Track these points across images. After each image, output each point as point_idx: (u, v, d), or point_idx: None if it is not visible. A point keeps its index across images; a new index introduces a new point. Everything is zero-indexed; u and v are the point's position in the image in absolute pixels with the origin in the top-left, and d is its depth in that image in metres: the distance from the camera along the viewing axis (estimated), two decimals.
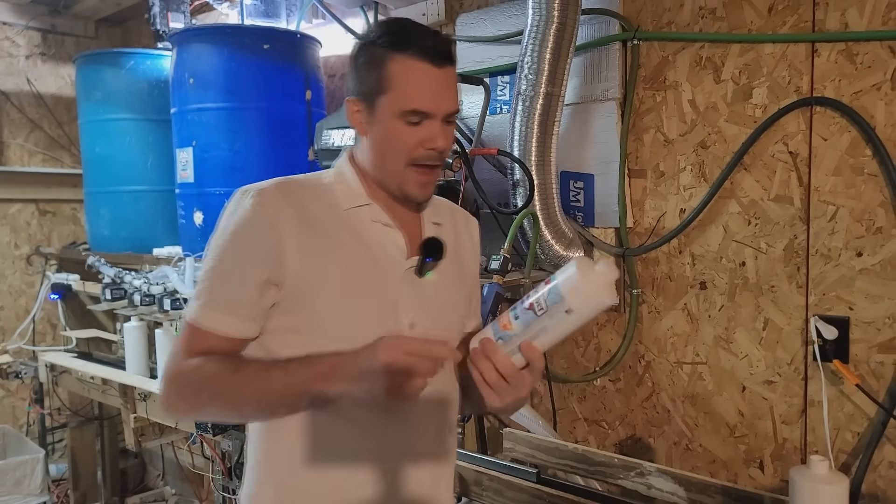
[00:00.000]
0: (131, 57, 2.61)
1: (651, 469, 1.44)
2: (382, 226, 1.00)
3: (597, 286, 0.83)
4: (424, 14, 2.20)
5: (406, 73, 0.93)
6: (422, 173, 0.97)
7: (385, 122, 0.95)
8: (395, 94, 0.94)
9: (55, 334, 3.18)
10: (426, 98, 0.94)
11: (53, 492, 2.85)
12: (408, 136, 0.95)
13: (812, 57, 1.55)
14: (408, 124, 0.94)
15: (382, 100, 0.95)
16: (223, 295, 0.94)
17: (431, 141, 0.95)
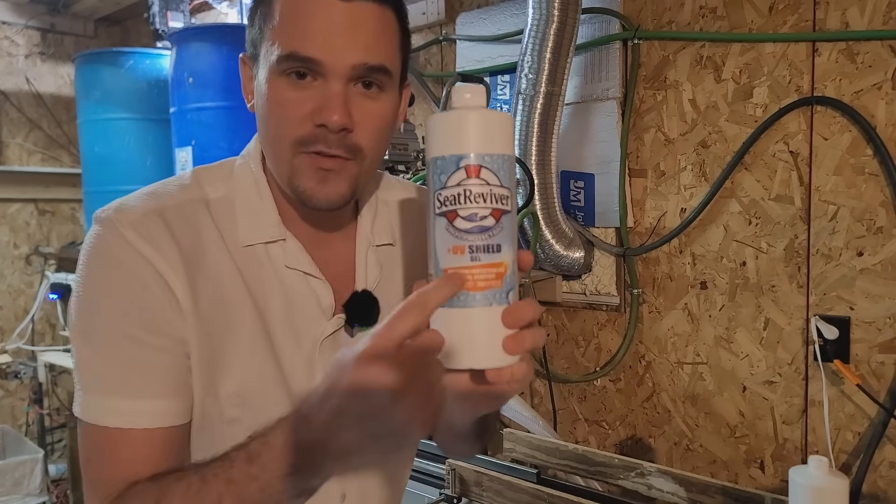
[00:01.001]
0: (130, 56, 2.60)
1: (651, 469, 1.44)
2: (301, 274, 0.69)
3: None
4: (424, 13, 2.20)
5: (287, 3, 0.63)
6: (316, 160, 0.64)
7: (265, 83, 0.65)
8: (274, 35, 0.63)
9: (54, 334, 3.18)
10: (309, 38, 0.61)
11: (53, 492, 2.85)
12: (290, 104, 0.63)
13: (813, 56, 1.55)
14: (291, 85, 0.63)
15: (265, 46, 0.65)
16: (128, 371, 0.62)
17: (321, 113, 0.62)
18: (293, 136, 0.64)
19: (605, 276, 1.90)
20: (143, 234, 0.64)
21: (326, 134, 0.63)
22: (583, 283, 1.94)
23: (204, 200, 0.68)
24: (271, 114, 0.65)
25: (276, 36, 0.63)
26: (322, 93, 0.62)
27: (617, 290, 1.89)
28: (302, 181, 0.65)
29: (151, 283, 0.63)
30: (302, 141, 0.63)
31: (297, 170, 0.65)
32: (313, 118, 0.63)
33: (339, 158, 0.64)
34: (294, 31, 0.62)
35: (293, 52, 0.61)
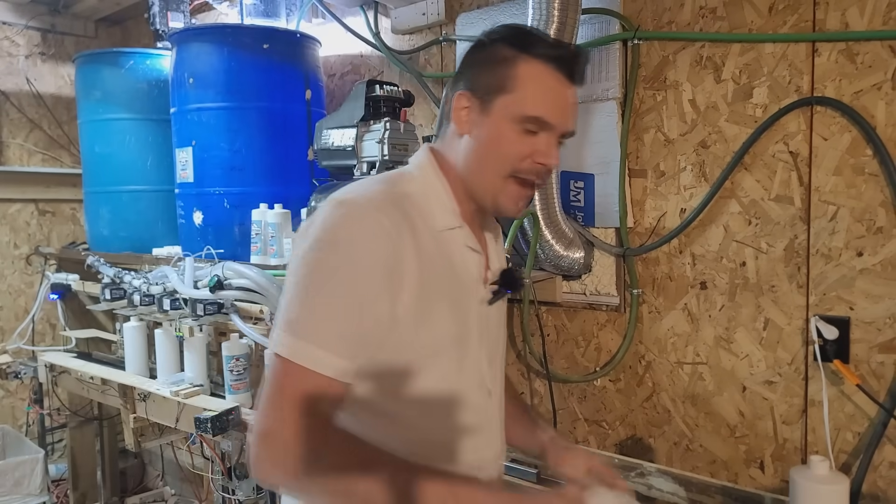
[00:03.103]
0: (131, 56, 2.60)
1: (651, 469, 1.44)
2: (471, 251, 0.93)
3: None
4: (424, 14, 2.20)
5: (537, 79, 0.87)
6: (521, 187, 0.90)
7: (498, 124, 0.88)
8: (520, 97, 0.87)
9: (55, 334, 3.18)
10: (553, 109, 0.87)
11: (53, 492, 2.85)
12: (519, 145, 0.88)
13: (812, 56, 1.55)
14: (523, 132, 0.88)
15: (502, 100, 0.88)
16: (334, 327, 0.79)
17: (543, 155, 0.88)
18: (512, 168, 0.89)
19: (605, 277, 1.90)
20: (388, 215, 0.83)
21: (541, 170, 0.90)
22: (583, 284, 1.94)
23: (406, 195, 0.89)
24: (498, 148, 0.89)
25: (521, 99, 0.87)
26: (544, 142, 0.89)
27: (617, 291, 1.89)
28: (505, 200, 0.91)
29: (391, 258, 0.81)
30: (518, 171, 0.89)
31: (504, 191, 0.90)
32: (534, 157, 0.89)
33: (533, 186, 0.92)
34: (541, 102, 0.87)
35: (540, 116, 0.87)
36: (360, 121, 1.86)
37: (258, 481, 0.84)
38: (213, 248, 2.09)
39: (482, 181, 0.91)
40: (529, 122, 0.87)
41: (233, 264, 1.92)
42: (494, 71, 0.88)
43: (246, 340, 1.94)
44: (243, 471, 1.71)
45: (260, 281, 1.80)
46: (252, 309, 1.93)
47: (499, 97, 0.88)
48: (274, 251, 2.04)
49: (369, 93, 1.86)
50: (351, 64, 2.51)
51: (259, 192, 2.12)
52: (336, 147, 1.91)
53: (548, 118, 0.87)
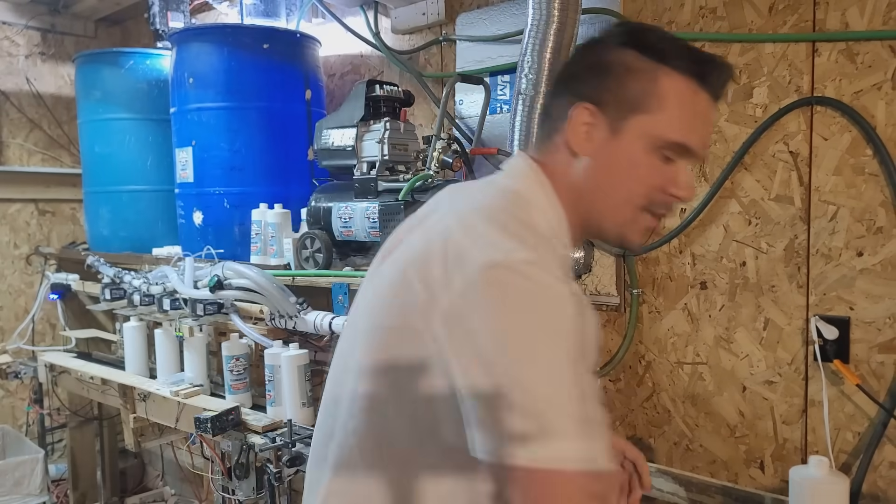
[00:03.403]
0: (131, 56, 2.60)
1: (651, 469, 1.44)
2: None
3: None
4: (424, 13, 2.20)
5: (682, 98, 0.75)
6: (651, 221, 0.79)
7: (632, 149, 0.76)
8: (662, 119, 0.74)
9: (54, 334, 3.18)
10: (700, 135, 0.76)
11: (53, 492, 2.85)
12: (656, 174, 0.76)
13: (812, 56, 1.55)
14: (661, 158, 0.76)
15: (638, 120, 0.75)
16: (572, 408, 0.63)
17: (681, 187, 0.76)
18: (647, 200, 0.77)
19: (605, 276, 1.90)
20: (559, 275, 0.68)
21: (673, 202, 0.78)
22: (583, 284, 1.94)
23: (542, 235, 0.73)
24: (633, 177, 0.76)
25: (664, 122, 0.75)
26: (682, 172, 0.77)
27: (617, 290, 1.89)
28: (632, 233, 0.79)
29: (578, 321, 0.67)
30: (653, 204, 0.77)
31: (633, 223, 0.79)
32: (668, 189, 0.77)
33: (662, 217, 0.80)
34: (688, 127, 0.75)
35: (685, 144, 0.75)
36: (360, 121, 1.86)
37: None
38: (212, 248, 2.09)
39: (610, 211, 0.78)
40: (671, 149, 0.75)
41: (233, 264, 1.92)
42: (628, 84, 0.75)
43: (246, 340, 1.94)
44: (243, 471, 1.71)
45: (260, 281, 1.80)
46: (252, 309, 1.93)
47: (634, 116, 0.75)
48: (274, 251, 2.04)
49: (369, 93, 1.86)
50: (351, 64, 2.51)
51: (259, 192, 2.12)
52: (336, 147, 1.91)
53: (693, 146, 0.76)
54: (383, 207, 1.76)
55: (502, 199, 0.76)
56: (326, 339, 1.77)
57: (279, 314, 1.82)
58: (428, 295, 0.68)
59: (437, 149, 1.73)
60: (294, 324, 1.79)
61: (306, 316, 1.77)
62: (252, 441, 1.71)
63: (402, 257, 0.76)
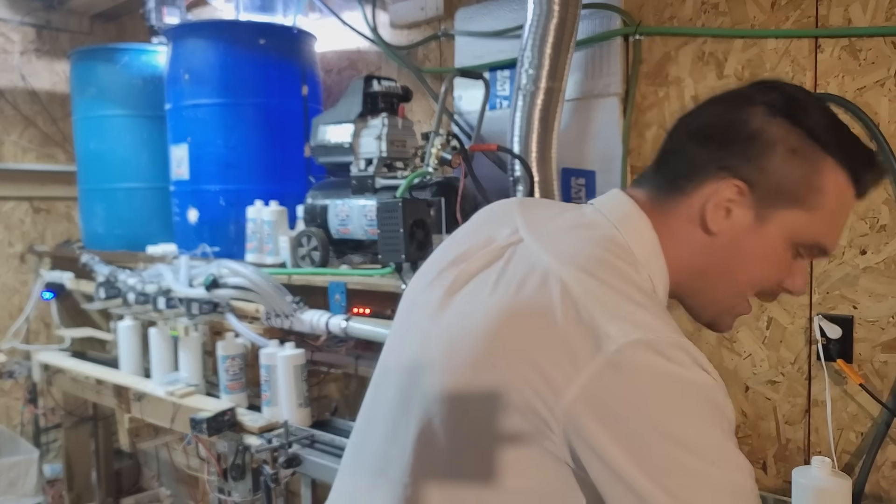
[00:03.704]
0: (126, 52, 2.58)
1: None
2: None
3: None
4: (423, 8, 2.18)
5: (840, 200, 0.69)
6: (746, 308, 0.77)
7: (773, 242, 0.70)
8: (818, 221, 0.69)
9: (49, 333, 3.15)
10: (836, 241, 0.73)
11: (48, 492, 2.83)
12: (784, 269, 0.72)
13: (815, 53, 1.53)
14: (794, 254, 0.72)
15: (791, 214, 0.69)
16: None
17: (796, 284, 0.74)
18: (759, 287, 0.74)
19: None
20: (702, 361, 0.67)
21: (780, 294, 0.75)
22: None
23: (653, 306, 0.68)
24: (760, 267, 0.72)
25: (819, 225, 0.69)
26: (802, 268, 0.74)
27: None
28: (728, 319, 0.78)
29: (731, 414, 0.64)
30: (763, 293, 0.75)
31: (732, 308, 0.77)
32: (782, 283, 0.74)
33: None
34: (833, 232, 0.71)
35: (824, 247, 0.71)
36: (358, 117, 1.84)
37: None
38: (208, 246, 2.07)
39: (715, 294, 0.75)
40: (810, 250, 0.72)
41: (228, 262, 1.90)
42: (789, 170, 0.67)
43: (241, 340, 1.92)
44: (239, 472, 1.69)
45: (256, 279, 1.78)
46: (248, 308, 1.91)
47: (786, 207, 0.68)
48: (270, 249, 2.02)
49: (367, 88, 1.84)
50: (348, 59, 2.49)
51: (255, 190, 2.10)
52: (333, 143, 1.89)
53: (830, 250, 0.72)
54: (381, 205, 1.74)
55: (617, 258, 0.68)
56: (323, 339, 1.75)
57: (275, 313, 1.81)
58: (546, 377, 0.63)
59: (435, 145, 1.71)
60: (290, 323, 1.77)
61: (303, 315, 1.75)
62: (248, 442, 1.69)
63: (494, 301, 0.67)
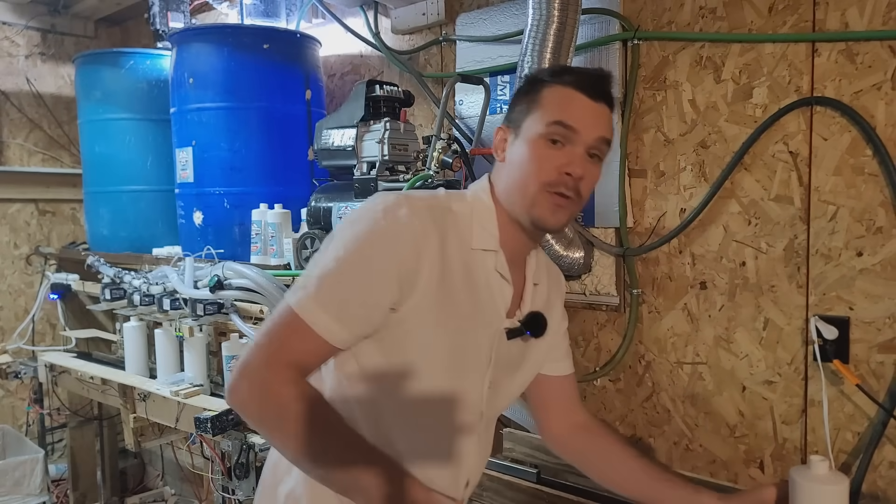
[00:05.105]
0: (131, 57, 2.61)
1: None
2: (499, 277, 0.97)
3: None
4: (425, 14, 2.20)
5: (557, 96, 0.94)
6: (553, 197, 0.93)
7: (527, 142, 0.94)
8: (543, 111, 0.93)
9: (55, 334, 3.18)
10: (574, 114, 0.92)
11: (53, 492, 2.85)
12: (546, 157, 0.93)
13: (812, 57, 1.55)
14: (549, 145, 0.93)
15: (529, 119, 0.95)
16: (342, 300, 0.88)
17: (569, 165, 0.92)
18: (543, 180, 0.92)
19: (605, 277, 1.90)
20: (421, 219, 0.90)
21: (568, 180, 0.93)
22: (582, 283, 1.94)
23: (450, 210, 0.96)
24: (528, 163, 0.93)
25: (544, 112, 0.93)
26: (570, 154, 0.92)
27: (617, 291, 1.89)
28: (539, 211, 0.94)
29: (411, 251, 0.88)
30: (549, 183, 0.92)
31: (538, 202, 0.93)
32: (561, 169, 0.92)
33: (569, 198, 0.93)
34: (561, 110, 0.92)
35: (561, 120, 0.91)
36: (360, 121, 1.86)
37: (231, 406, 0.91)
38: (213, 248, 2.09)
39: (518, 197, 0.95)
40: (552, 128, 0.92)
41: (233, 264, 1.92)
42: (524, 99, 0.96)
43: (246, 340, 1.94)
44: (243, 471, 1.71)
45: (260, 281, 1.80)
46: (252, 309, 1.93)
47: (526, 119, 0.95)
48: (274, 251, 2.04)
49: (369, 93, 1.86)
50: (351, 64, 2.51)
51: (259, 192, 2.12)
52: (336, 147, 1.91)
53: (569, 121, 0.91)
54: None
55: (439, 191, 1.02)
56: None
57: None
58: None
59: (436, 149, 1.73)
60: None
61: None
62: (252, 441, 1.71)
63: None
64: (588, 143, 0.93)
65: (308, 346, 0.88)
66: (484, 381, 0.99)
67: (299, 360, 0.88)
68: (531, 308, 1.04)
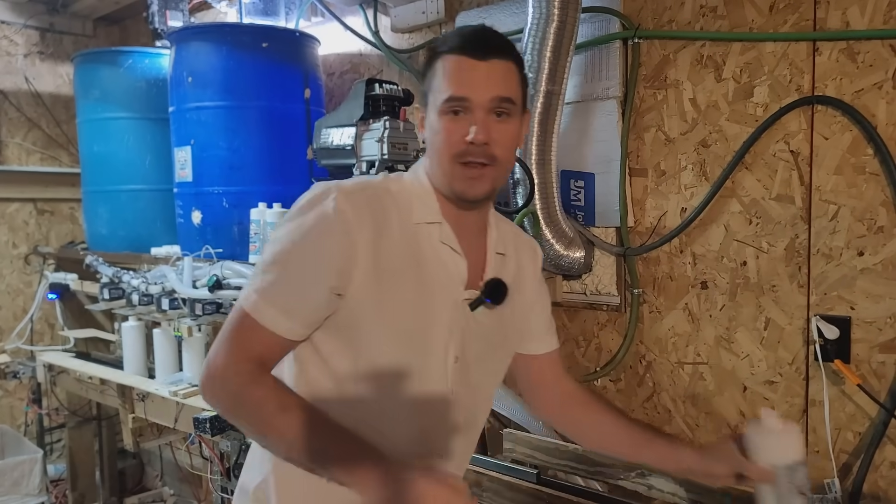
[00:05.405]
0: (129, 55, 2.60)
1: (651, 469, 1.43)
2: (449, 250, 0.97)
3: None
4: (424, 12, 2.20)
5: (448, 66, 0.94)
6: (466, 168, 0.93)
7: (433, 118, 0.95)
8: (438, 85, 0.94)
9: (53, 334, 3.17)
10: (462, 83, 0.92)
11: (51, 492, 2.85)
12: (450, 130, 0.93)
13: (813, 55, 1.54)
14: (452, 118, 0.93)
15: (431, 96, 0.96)
16: (288, 294, 0.90)
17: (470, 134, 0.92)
18: (452, 152, 0.93)
19: (606, 276, 1.90)
20: (351, 202, 0.91)
21: (473, 148, 0.92)
22: (583, 283, 1.93)
23: (388, 190, 0.98)
24: (438, 138, 0.94)
25: (440, 87, 0.94)
26: (470, 121, 0.92)
27: (617, 290, 1.88)
28: (457, 184, 0.94)
29: (343, 237, 0.90)
30: (458, 154, 0.93)
31: (454, 176, 0.94)
32: (465, 138, 0.92)
33: (481, 166, 0.93)
34: (451, 81, 0.93)
35: (452, 95, 0.92)
36: (360, 120, 1.86)
37: (206, 402, 0.94)
38: (211, 248, 2.08)
39: (438, 173, 0.96)
40: (448, 104, 0.92)
41: (231, 264, 1.91)
42: (425, 79, 0.98)
43: None
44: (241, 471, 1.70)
45: None
46: None
47: (430, 95, 0.96)
48: None
49: (369, 91, 1.86)
50: (350, 63, 2.51)
51: (258, 192, 2.11)
52: (335, 146, 1.90)
53: (458, 93, 0.91)
54: None
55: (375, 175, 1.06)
56: None
57: None
58: None
59: None
60: None
61: None
62: (251, 441, 1.70)
63: None
64: (484, 107, 0.92)
65: (264, 342, 0.91)
66: (447, 355, 0.96)
67: (259, 355, 0.91)
68: (491, 275, 1.02)
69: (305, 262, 0.91)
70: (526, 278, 1.09)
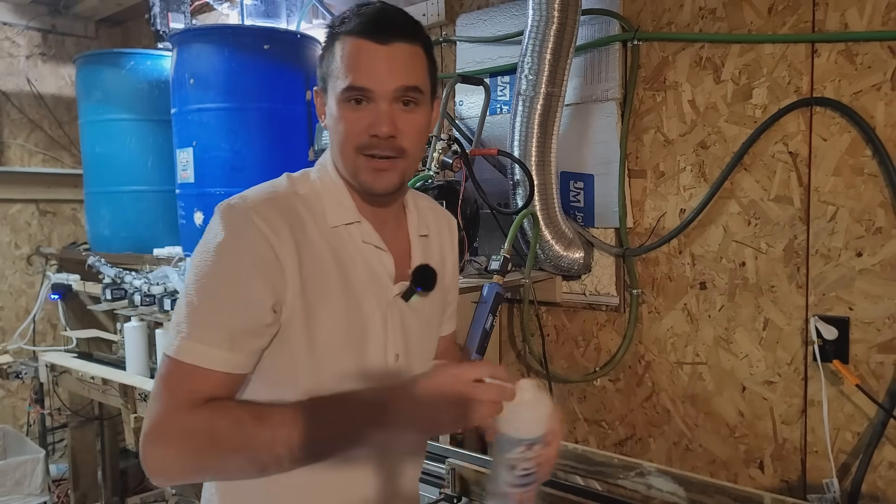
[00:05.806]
0: (131, 57, 2.61)
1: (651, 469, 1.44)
2: (374, 248, 0.91)
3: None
4: (424, 14, 2.21)
5: (347, 52, 0.85)
6: (372, 160, 0.86)
7: (335, 107, 0.87)
8: (338, 71, 0.86)
9: (55, 334, 3.18)
10: (364, 73, 0.84)
11: (54, 492, 2.85)
12: (352, 120, 0.85)
13: (812, 57, 1.55)
14: (353, 107, 0.85)
15: (331, 84, 0.88)
16: (217, 324, 0.81)
17: (373, 126, 0.84)
18: (355, 144, 0.86)
19: (605, 277, 1.91)
20: (263, 217, 0.84)
21: (378, 141, 0.85)
22: (582, 284, 1.94)
23: (297, 195, 0.90)
24: (339, 128, 0.87)
25: (339, 73, 0.86)
26: (374, 111, 0.85)
27: (616, 291, 1.89)
28: (362, 176, 0.87)
29: (265, 251, 0.82)
30: (361, 147, 0.86)
31: (359, 168, 0.87)
32: (369, 130, 0.85)
33: (389, 158, 0.86)
34: (351, 70, 0.84)
35: (351, 84, 0.84)
36: None
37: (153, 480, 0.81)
38: None
39: (343, 164, 0.90)
40: (349, 94, 0.85)
41: None
42: (324, 61, 0.90)
43: None
44: None
45: None
46: None
47: (329, 79, 0.88)
48: None
49: None
50: None
51: None
52: None
53: (358, 82, 0.84)
54: None
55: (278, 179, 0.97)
56: None
57: None
58: None
59: (437, 149, 1.74)
60: None
61: None
62: None
63: None
64: (388, 98, 0.84)
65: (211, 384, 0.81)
66: (386, 355, 0.91)
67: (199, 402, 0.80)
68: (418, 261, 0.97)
69: (236, 286, 0.82)
70: (447, 252, 1.05)
